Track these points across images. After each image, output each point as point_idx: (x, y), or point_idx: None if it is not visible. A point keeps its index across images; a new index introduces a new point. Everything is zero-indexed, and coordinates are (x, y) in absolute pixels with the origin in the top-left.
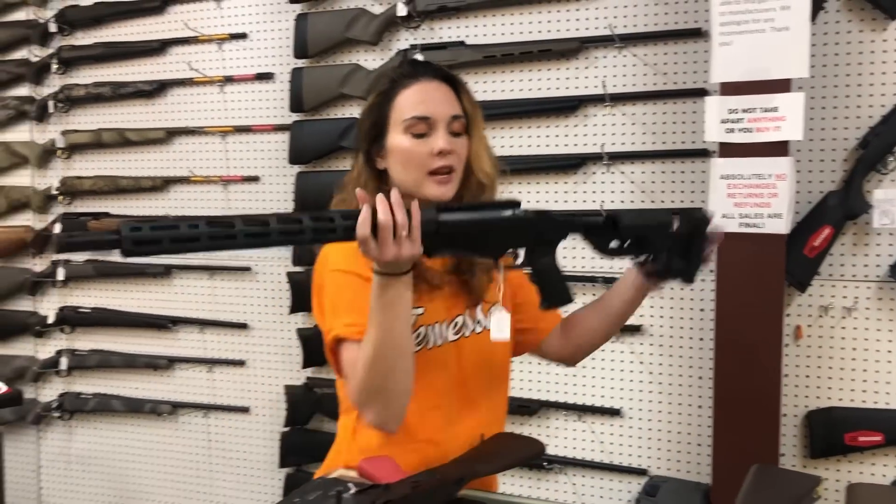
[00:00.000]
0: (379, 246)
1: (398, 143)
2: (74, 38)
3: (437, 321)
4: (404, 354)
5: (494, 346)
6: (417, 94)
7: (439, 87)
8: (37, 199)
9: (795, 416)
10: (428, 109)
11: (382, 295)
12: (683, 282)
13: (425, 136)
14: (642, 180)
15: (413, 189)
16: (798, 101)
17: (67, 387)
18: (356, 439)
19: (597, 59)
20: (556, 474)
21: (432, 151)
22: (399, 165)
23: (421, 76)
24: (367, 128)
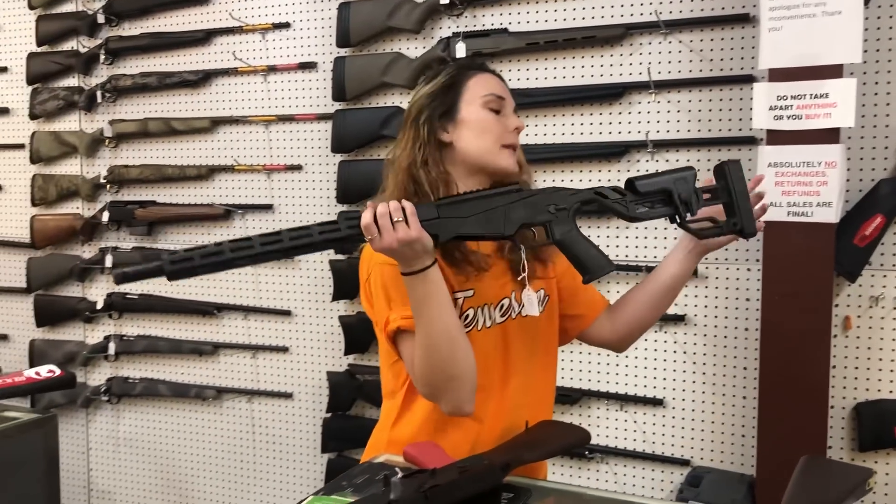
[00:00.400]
0: (381, 232)
1: (475, 115)
2: (122, 29)
3: (486, 303)
4: (456, 341)
5: (539, 329)
6: (491, 79)
7: (503, 83)
8: (86, 187)
9: (843, 409)
10: (503, 92)
11: (414, 294)
12: (741, 234)
13: (500, 113)
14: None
15: (483, 157)
16: (850, 87)
17: (115, 371)
18: (399, 422)
19: (642, 45)
20: (598, 463)
21: (508, 127)
22: (474, 136)
23: (490, 72)
24: (435, 105)
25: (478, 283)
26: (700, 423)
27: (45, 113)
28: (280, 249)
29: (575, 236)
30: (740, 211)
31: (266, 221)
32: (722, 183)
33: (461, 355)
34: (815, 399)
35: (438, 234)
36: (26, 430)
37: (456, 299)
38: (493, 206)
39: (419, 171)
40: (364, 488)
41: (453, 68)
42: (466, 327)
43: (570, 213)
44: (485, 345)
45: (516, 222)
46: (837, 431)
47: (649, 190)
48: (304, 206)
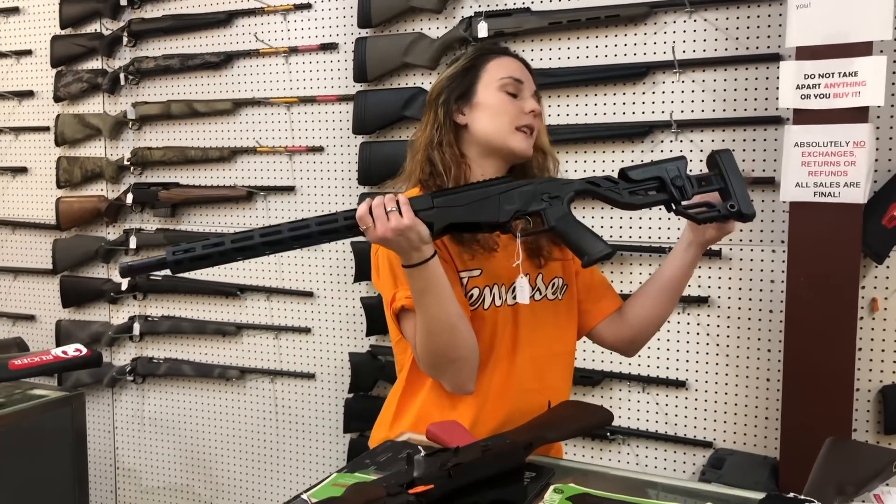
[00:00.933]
0: (375, 222)
1: (491, 98)
2: (144, 12)
3: (495, 283)
4: (456, 328)
5: (558, 315)
6: (510, 63)
7: (523, 67)
8: (110, 169)
9: (869, 391)
10: (521, 75)
11: (415, 285)
12: (739, 217)
13: (516, 96)
14: (712, 149)
15: (496, 139)
16: (880, 64)
17: (140, 352)
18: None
19: (666, 24)
20: (620, 445)
21: (524, 110)
22: (488, 117)
23: (510, 55)
24: (454, 87)
25: (486, 262)
26: (723, 405)
27: (69, 95)
28: (279, 241)
29: (570, 222)
30: (736, 194)
31: (288, 203)
32: (715, 171)
33: (461, 341)
34: (840, 381)
35: (434, 222)
36: (55, 408)
37: (461, 278)
38: (487, 195)
39: (434, 152)
40: (387, 466)
41: (474, 51)
42: (472, 306)
43: (563, 201)
44: (492, 323)
45: (510, 210)
46: (862, 414)
47: (642, 178)
48: (326, 188)
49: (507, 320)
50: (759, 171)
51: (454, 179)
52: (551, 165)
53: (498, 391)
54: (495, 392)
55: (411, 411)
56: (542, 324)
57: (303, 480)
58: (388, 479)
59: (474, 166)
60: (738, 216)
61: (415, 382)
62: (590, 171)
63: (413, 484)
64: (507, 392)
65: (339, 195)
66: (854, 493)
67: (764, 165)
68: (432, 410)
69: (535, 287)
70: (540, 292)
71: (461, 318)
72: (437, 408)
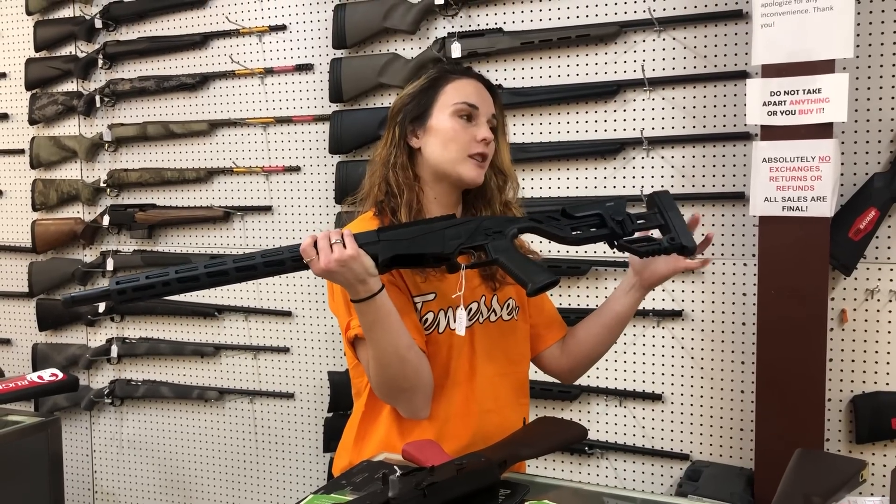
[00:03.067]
0: (319, 253)
1: (444, 124)
2: (119, 34)
3: (448, 305)
4: (406, 360)
5: (515, 335)
6: (468, 86)
7: (483, 89)
8: (86, 191)
9: (840, 401)
10: (476, 100)
11: (364, 318)
12: (681, 250)
13: (470, 123)
14: (682, 165)
15: (448, 167)
16: (842, 81)
17: (118, 374)
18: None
19: (636, 42)
20: (598, 459)
21: (476, 137)
22: (439, 144)
23: (470, 76)
24: (410, 106)
25: (439, 285)
26: (699, 418)
27: (44, 118)
28: (223, 272)
29: (512, 254)
30: (675, 228)
31: (265, 223)
32: (654, 209)
33: (411, 371)
34: (811, 392)
35: (379, 255)
36: (30, 434)
37: (415, 303)
38: (432, 229)
39: (389, 173)
40: (363, 487)
41: (435, 72)
42: (427, 330)
43: (506, 237)
44: (447, 347)
45: (455, 244)
46: (835, 424)
47: (583, 214)
48: (303, 207)
49: (462, 343)
50: (730, 186)
51: (406, 204)
52: (510, 188)
53: (458, 413)
54: (455, 414)
55: (373, 436)
56: (498, 345)
57: (283, 500)
58: (364, 500)
59: (427, 189)
60: (679, 249)
61: (374, 407)
62: (563, 189)
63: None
64: (467, 414)
65: (317, 214)
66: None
67: (734, 181)
68: (392, 435)
69: (490, 308)
70: (495, 313)
71: (411, 349)
72: (398, 432)
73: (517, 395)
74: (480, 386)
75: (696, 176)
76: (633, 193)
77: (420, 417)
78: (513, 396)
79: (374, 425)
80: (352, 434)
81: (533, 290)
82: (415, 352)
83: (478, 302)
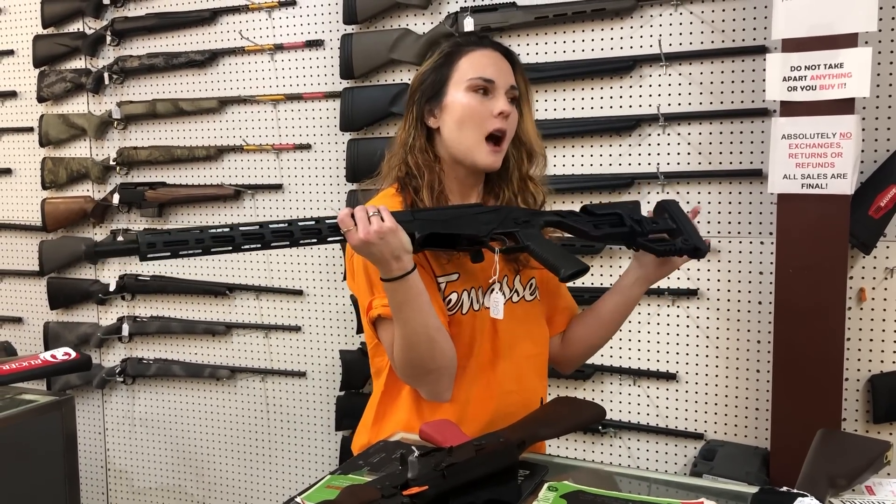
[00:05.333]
0: (357, 223)
1: (459, 100)
2: (127, 10)
3: (472, 286)
4: (434, 341)
5: (532, 316)
6: (483, 58)
7: (501, 59)
8: (95, 169)
9: (858, 381)
10: (492, 73)
11: (394, 298)
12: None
13: (486, 97)
14: (699, 141)
15: (465, 152)
16: (865, 56)
17: (129, 352)
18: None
19: (652, 17)
20: (611, 438)
21: (493, 112)
22: (455, 123)
23: (485, 46)
24: (426, 85)
25: (463, 266)
26: (714, 397)
27: (52, 96)
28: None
29: (542, 241)
30: (687, 233)
31: (276, 201)
32: (665, 215)
33: (439, 353)
34: (829, 372)
35: (415, 231)
36: (44, 413)
37: (438, 284)
38: (466, 213)
39: (408, 155)
40: (381, 467)
41: (448, 46)
42: (451, 311)
43: (535, 226)
44: (471, 328)
45: (488, 228)
46: (852, 404)
47: (603, 213)
48: (314, 185)
49: (485, 324)
50: (747, 163)
51: (428, 185)
52: (534, 163)
53: (480, 395)
54: (477, 396)
55: (392, 416)
56: (522, 325)
57: (295, 479)
58: (383, 481)
59: (448, 170)
60: (692, 251)
61: (393, 387)
62: (578, 166)
63: (407, 485)
64: (489, 395)
65: (327, 192)
66: (846, 486)
67: (752, 158)
68: (412, 415)
69: (513, 288)
70: (518, 293)
71: (440, 330)
72: (417, 412)
73: (538, 376)
74: (503, 367)
75: (714, 153)
76: (649, 171)
77: (443, 400)
78: (534, 377)
79: (394, 405)
80: (371, 413)
81: (565, 275)
82: (443, 333)
83: (500, 283)
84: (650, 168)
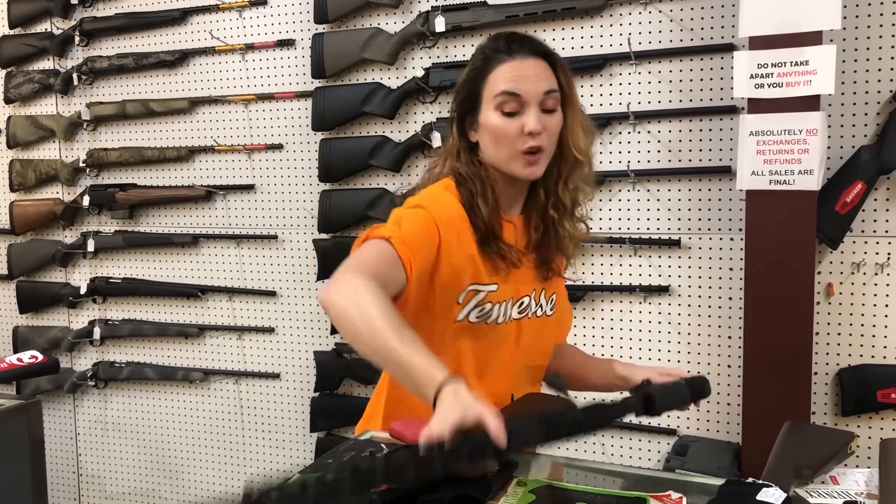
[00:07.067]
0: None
1: (489, 120)
2: (96, 10)
3: (505, 299)
4: None
5: (548, 330)
6: (511, 71)
7: (535, 65)
8: (65, 171)
9: (827, 374)
10: (519, 87)
11: (407, 379)
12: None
13: (516, 114)
14: (669, 139)
15: (503, 166)
16: (830, 53)
17: (101, 356)
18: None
19: (622, 15)
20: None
21: (522, 131)
22: (490, 142)
23: (516, 53)
24: (462, 100)
25: (503, 280)
26: None
27: (20, 97)
28: None
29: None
30: None
31: (248, 202)
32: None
33: None
34: (798, 366)
35: None
36: (10, 416)
37: (479, 291)
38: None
39: (457, 164)
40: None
41: (480, 57)
42: (478, 318)
43: None
44: (494, 338)
45: None
46: (821, 397)
47: (660, 409)
48: (286, 186)
49: (508, 336)
50: (717, 160)
51: (482, 195)
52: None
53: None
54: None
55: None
56: (538, 338)
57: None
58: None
59: (495, 176)
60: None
61: None
62: None
63: None
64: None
65: (300, 192)
66: (811, 476)
67: (721, 155)
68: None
69: (538, 303)
70: (541, 308)
71: None
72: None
73: (533, 384)
74: (519, 376)
75: (683, 150)
76: (619, 169)
77: None
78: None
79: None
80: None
81: None
82: None
83: (529, 296)
84: (621, 166)
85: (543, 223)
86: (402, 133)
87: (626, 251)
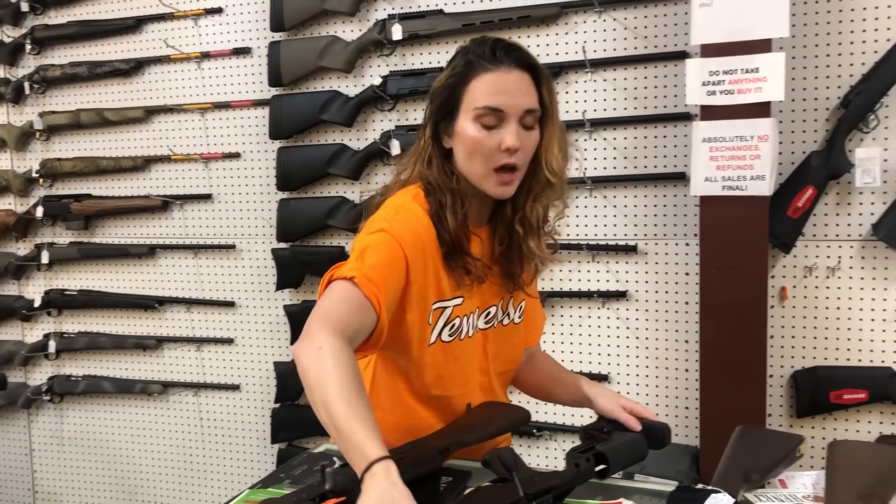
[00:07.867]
0: None
1: (466, 131)
2: (47, 18)
3: (471, 311)
4: None
5: (517, 337)
6: (493, 83)
7: (519, 78)
8: (17, 182)
9: (781, 377)
10: (501, 101)
11: (344, 451)
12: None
13: (495, 127)
14: (624, 146)
15: (476, 181)
16: (779, 61)
17: (57, 370)
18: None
19: (577, 24)
20: (547, 440)
21: (500, 146)
22: (464, 153)
23: (500, 63)
24: (439, 105)
25: (468, 293)
26: (644, 398)
27: None
28: None
29: None
30: None
31: (205, 211)
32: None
33: None
34: (753, 369)
35: None
36: None
37: (445, 308)
38: None
39: (426, 169)
40: (302, 479)
41: (462, 61)
42: (451, 336)
43: None
44: (465, 352)
45: None
46: (776, 399)
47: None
48: (244, 195)
49: (476, 348)
50: (671, 166)
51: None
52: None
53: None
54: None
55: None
56: (504, 346)
57: (231, 494)
58: (300, 494)
59: (466, 187)
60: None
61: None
62: None
63: (325, 496)
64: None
65: (258, 202)
66: (760, 480)
67: (675, 161)
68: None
69: (505, 311)
70: (508, 316)
71: None
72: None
73: (503, 393)
74: (489, 385)
75: (638, 157)
76: (576, 175)
77: None
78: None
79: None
80: None
81: None
82: None
83: (496, 306)
84: (577, 173)
85: (508, 237)
86: (361, 141)
87: (584, 257)
